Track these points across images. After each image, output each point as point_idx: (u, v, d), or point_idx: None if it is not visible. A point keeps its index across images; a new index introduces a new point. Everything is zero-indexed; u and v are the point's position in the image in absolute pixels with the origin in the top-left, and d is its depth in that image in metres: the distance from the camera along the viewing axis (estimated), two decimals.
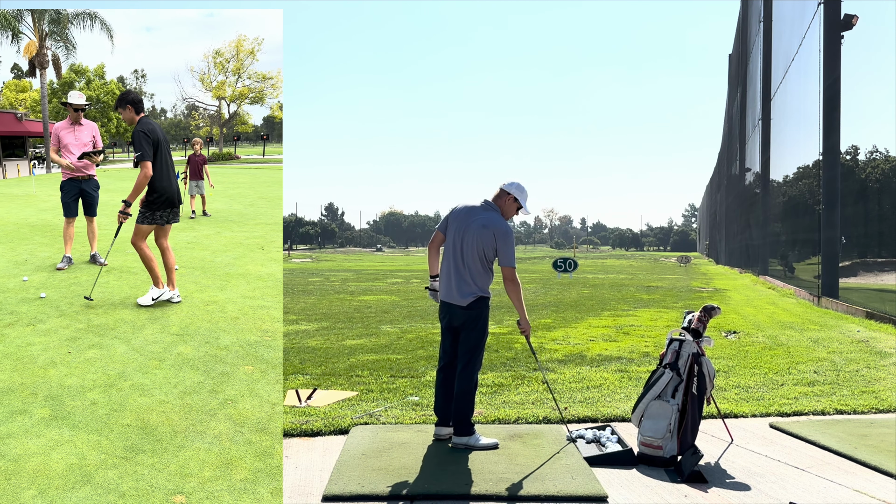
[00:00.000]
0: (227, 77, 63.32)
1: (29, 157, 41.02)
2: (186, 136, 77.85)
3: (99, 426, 4.06)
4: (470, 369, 4.56)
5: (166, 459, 3.72)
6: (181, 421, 4.17)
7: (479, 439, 4.53)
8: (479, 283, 4.55)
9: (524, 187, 4.67)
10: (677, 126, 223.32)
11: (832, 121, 13.83)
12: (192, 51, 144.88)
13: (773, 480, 4.05)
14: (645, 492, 3.86)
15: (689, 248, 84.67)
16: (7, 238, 10.43)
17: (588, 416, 5.29)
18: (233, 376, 4.87)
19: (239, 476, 3.59)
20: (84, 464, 3.63)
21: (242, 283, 7.58)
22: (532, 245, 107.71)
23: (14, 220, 12.55)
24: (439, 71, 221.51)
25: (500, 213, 4.61)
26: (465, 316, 4.55)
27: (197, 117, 72.26)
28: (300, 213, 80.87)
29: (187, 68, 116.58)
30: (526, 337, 4.70)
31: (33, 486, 3.41)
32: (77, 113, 7.99)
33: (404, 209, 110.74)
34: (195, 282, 7.62)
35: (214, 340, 5.61)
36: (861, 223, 14.35)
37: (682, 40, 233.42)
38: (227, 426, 4.13)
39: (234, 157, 58.20)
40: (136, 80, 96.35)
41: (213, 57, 62.88)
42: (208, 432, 4.04)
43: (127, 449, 3.81)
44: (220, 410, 4.33)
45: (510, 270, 4.51)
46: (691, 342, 4.44)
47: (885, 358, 7.90)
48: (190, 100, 69.64)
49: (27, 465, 3.61)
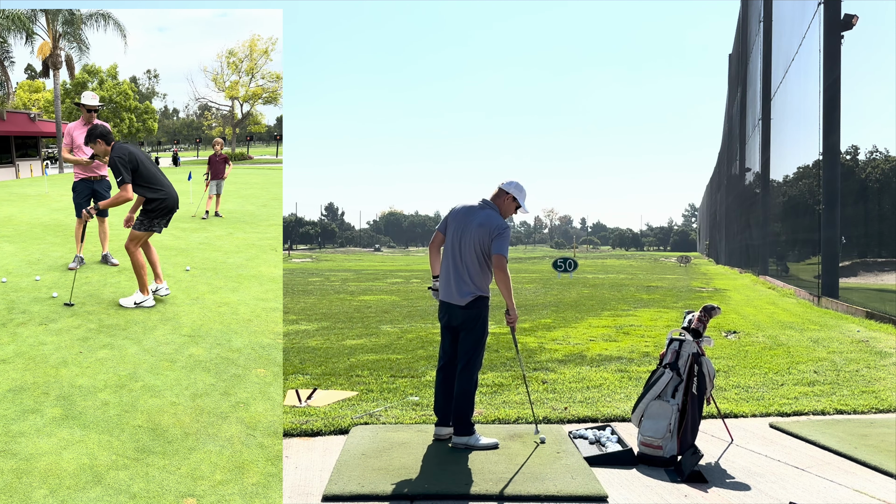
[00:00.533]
0: (240, 77, 62.95)
1: (42, 157, 41.14)
2: (199, 136, 77.81)
3: (110, 427, 4.06)
4: (470, 369, 4.56)
5: (177, 461, 3.70)
6: (192, 423, 4.15)
7: (479, 439, 4.53)
8: (478, 283, 4.54)
9: (523, 186, 4.67)
10: (677, 126, 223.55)
11: (832, 121, 13.83)
12: (205, 51, 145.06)
13: (773, 480, 4.04)
14: (645, 492, 3.86)
15: (689, 248, 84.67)
16: (20, 237, 10.44)
17: (588, 416, 5.29)
18: (245, 379, 4.84)
19: (251, 480, 3.57)
20: (95, 464, 3.63)
21: (255, 285, 7.54)
22: (532, 245, 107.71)
23: (27, 220, 12.55)
24: (439, 71, 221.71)
25: (498, 212, 4.61)
26: (464, 315, 4.54)
27: (210, 117, 71.93)
28: (300, 213, 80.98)
29: (200, 68, 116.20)
30: (511, 328, 4.71)
31: (44, 486, 3.41)
32: (90, 113, 8.03)
33: (404, 209, 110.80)
34: (207, 283, 7.58)
35: (226, 342, 5.58)
36: (861, 223, 14.34)
37: (682, 40, 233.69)
38: (239, 429, 4.11)
39: (247, 157, 57.96)
40: (148, 80, 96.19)
41: (226, 57, 62.58)
42: (220, 435, 4.02)
43: (138, 450, 3.80)
44: (231, 413, 4.31)
45: (500, 258, 4.46)
46: (691, 342, 4.44)
47: (885, 358, 7.90)
48: (202, 100, 69.34)
49: (38, 464, 3.61)
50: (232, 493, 3.44)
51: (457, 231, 4.59)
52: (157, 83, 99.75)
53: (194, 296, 6.95)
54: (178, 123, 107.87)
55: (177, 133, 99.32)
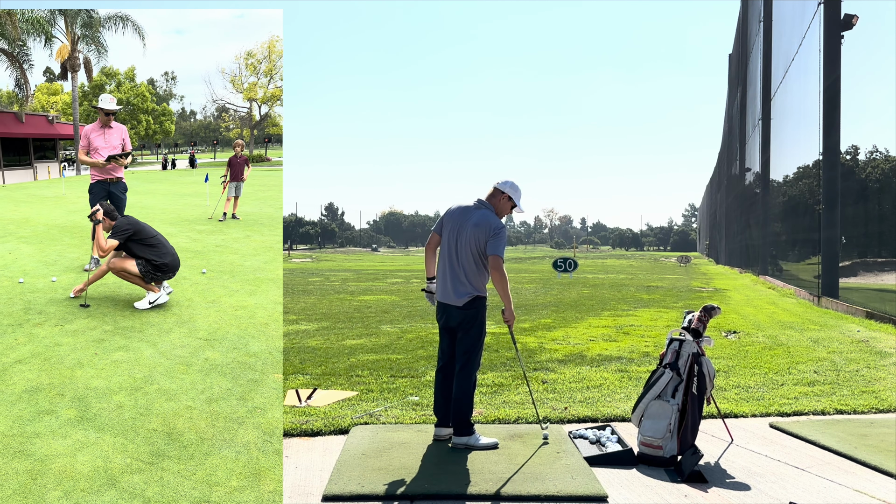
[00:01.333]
0: (258, 78, 62.11)
1: (59, 159, 41.23)
2: (216, 139, 77.54)
3: (125, 430, 4.03)
4: (468, 369, 4.56)
5: (193, 467, 3.66)
6: (208, 428, 4.10)
7: (479, 439, 4.52)
8: (474, 283, 4.54)
9: (518, 186, 4.68)
10: (677, 126, 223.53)
11: (832, 121, 13.82)
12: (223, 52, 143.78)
13: (773, 480, 4.04)
14: (645, 492, 3.86)
15: (689, 248, 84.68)
16: (37, 239, 10.42)
17: (588, 416, 5.29)
18: (262, 384, 4.78)
19: (268, 487, 3.53)
20: (110, 467, 3.60)
21: (273, 289, 7.46)
22: (532, 245, 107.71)
23: (44, 221, 12.52)
24: (439, 71, 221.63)
25: (493, 212, 4.61)
26: (462, 316, 4.54)
27: (227, 119, 71.19)
28: (300, 213, 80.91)
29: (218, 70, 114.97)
30: (509, 327, 4.70)
31: (59, 488, 3.39)
32: (108, 116, 8.03)
33: (404, 209, 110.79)
34: (223, 286, 7.48)
35: (243, 347, 5.52)
36: (861, 223, 14.33)
37: (682, 40, 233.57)
38: (256, 435, 4.05)
39: (265, 158, 57.50)
40: (166, 82, 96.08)
41: (244, 58, 61.67)
42: (236, 441, 3.97)
43: (153, 454, 3.77)
44: (248, 419, 4.25)
45: (496, 259, 4.46)
46: (691, 342, 4.44)
47: (885, 358, 7.90)
48: (220, 101, 68.38)
49: (53, 465, 3.59)
50: (248, 500, 3.40)
51: (453, 231, 4.59)
52: (174, 85, 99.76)
53: (210, 299, 6.87)
54: (195, 125, 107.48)
55: (194, 135, 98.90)
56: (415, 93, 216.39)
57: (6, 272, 7.88)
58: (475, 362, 4.60)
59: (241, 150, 15.17)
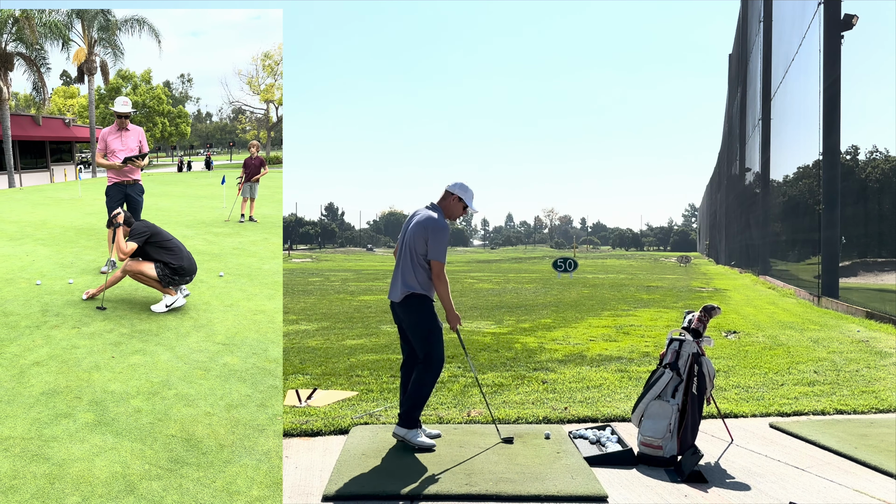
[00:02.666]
0: (275, 80, 61.26)
1: (76, 161, 41.27)
2: (232, 140, 77.30)
3: (143, 435, 3.97)
4: (426, 364, 4.55)
5: (212, 474, 3.60)
6: (228, 435, 4.03)
7: (417, 435, 4.50)
8: (410, 281, 4.57)
9: (468, 186, 4.75)
10: (677, 126, 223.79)
11: (832, 121, 13.82)
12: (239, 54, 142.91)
13: (773, 480, 4.04)
14: (645, 492, 3.86)
15: (689, 248, 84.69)
16: (54, 241, 10.41)
17: (588, 416, 5.29)
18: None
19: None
20: (128, 473, 3.56)
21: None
22: (532, 245, 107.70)
23: (61, 224, 12.51)
24: (440, 72, 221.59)
25: (441, 213, 4.65)
26: (402, 312, 4.62)
27: (244, 121, 70.56)
28: (300, 213, 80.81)
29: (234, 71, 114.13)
30: (455, 331, 4.72)
31: (77, 493, 3.36)
32: (123, 119, 8.04)
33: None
34: (241, 290, 7.36)
35: (263, 352, 5.42)
36: (861, 223, 14.33)
37: (682, 40, 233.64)
38: (277, 443, 3.99)
39: (282, 160, 57.25)
40: (182, 84, 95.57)
41: (261, 60, 60.91)
42: (257, 448, 3.90)
43: (171, 460, 3.71)
44: (269, 426, 4.18)
45: (437, 265, 4.52)
46: (691, 342, 4.44)
47: (885, 358, 7.89)
48: (236, 103, 67.52)
49: (71, 470, 3.56)
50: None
51: (402, 233, 4.74)
52: (190, 87, 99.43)
53: (228, 303, 6.77)
54: (211, 127, 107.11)
55: (210, 137, 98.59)
56: (416, 95, 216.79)
57: (23, 274, 7.88)
58: (433, 358, 4.55)
59: (257, 150, 15.05)
